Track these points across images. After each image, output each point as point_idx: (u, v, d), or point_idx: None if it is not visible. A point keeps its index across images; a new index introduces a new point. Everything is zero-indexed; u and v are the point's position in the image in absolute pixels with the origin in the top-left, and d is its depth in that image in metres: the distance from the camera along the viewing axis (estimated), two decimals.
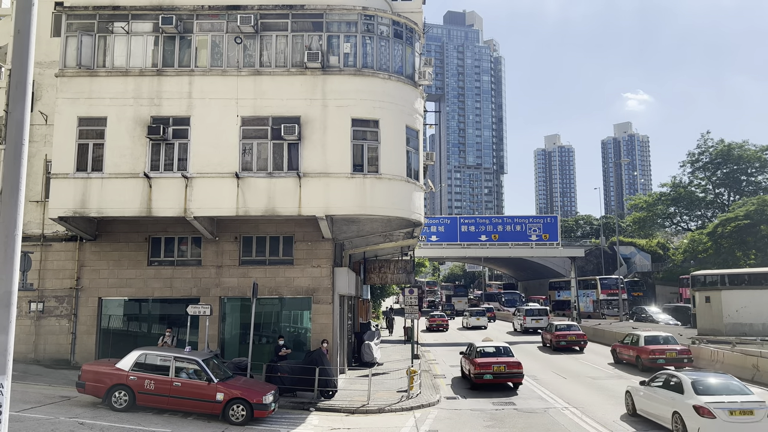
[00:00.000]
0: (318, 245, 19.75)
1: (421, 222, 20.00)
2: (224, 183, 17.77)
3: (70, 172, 17.87)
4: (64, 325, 19.53)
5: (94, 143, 18.10)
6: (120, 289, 19.63)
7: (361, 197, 17.91)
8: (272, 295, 19.54)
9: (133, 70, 18.33)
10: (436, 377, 23.03)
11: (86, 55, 18.41)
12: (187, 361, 14.44)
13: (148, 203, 17.76)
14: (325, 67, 18.23)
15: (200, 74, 18.32)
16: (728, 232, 54.64)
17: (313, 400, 16.92)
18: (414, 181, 19.12)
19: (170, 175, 17.84)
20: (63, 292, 19.64)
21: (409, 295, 25.84)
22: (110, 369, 14.31)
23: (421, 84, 19.67)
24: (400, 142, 18.63)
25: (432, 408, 17.14)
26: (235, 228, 19.73)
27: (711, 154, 68.36)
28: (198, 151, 17.93)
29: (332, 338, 19.32)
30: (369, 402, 16.93)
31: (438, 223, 49.70)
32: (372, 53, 18.59)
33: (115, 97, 18.17)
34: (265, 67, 18.36)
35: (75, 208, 17.76)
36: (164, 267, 19.80)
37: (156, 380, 14.14)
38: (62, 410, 13.59)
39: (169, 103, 18.19)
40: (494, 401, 18.03)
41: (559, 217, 56.17)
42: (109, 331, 19.74)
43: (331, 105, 18.07)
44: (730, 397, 12.43)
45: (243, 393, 14.15)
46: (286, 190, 17.75)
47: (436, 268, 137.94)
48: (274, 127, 17.94)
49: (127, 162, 17.91)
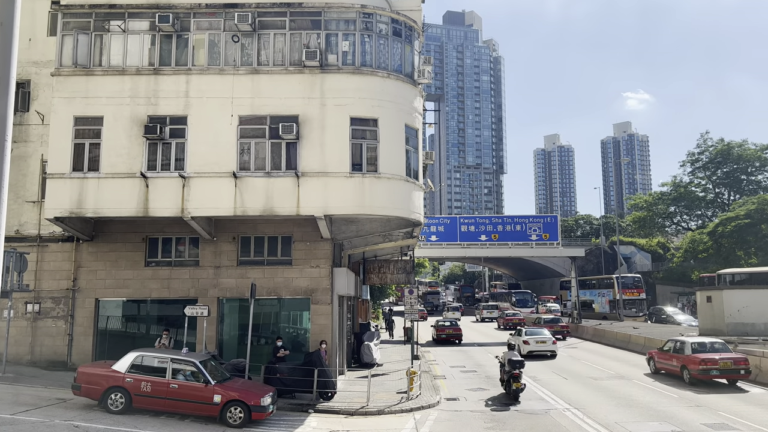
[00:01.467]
0: (317, 245, 19.59)
1: (420, 222, 19.84)
2: (222, 183, 17.60)
3: (66, 172, 17.70)
4: (60, 326, 19.36)
5: (91, 143, 17.93)
6: (117, 290, 19.46)
7: (360, 197, 17.74)
8: (270, 296, 19.37)
9: (130, 69, 18.16)
10: (436, 378, 22.87)
11: (82, 53, 18.24)
12: (184, 362, 14.28)
13: (145, 203, 17.59)
14: (324, 66, 18.06)
15: (197, 73, 18.15)
16: (729, 232, 54.51)
17: (312, 402, 16.76)
18: (413, 181, 18.96)
19: (167, 175, 17.67)
20: (59, 293, 19.47)
21: (409, 295, 25.69)
22: (106, 371, 14.14)
23: (420, 82, 19.50)
24: (400, 141, 18.47)
25: (432, 409, 16.99)
26: (233, 228, 19.56)
27: (711, 154, 68.27)
28: (195, 150, 17.76)
29: (331, 339, 19.16)
30: (368, 403, 16.77)
31: (438, 223, 49.53)
32: (371, 51, 18.43)
33: (111, 96, 17.99)
34: (262, 65, 18.19)
35: (71, 208, 17.59)
36: (162, 268, 19.63)
37: (153, 382, 13.97)
38: (57, 413, 13.42)
39: (166, 103, 18.02)
40: (495, 403, 17.85)
41: (559, 217, 55.99)
42: (106, 333, 19.57)
43: (330, 104, 17.91)
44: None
45: (240, 395, 13.99)
46: (285, 190, 17.58)
47: (436, 269, 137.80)
48: (272, 126, 17.77)
49: (123, 162, 17.74)
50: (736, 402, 17.71)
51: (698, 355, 20.31)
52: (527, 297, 70.02)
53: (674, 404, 17.39)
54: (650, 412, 16.38)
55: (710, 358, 19.97)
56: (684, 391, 19.46)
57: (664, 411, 16.41)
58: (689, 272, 62.83)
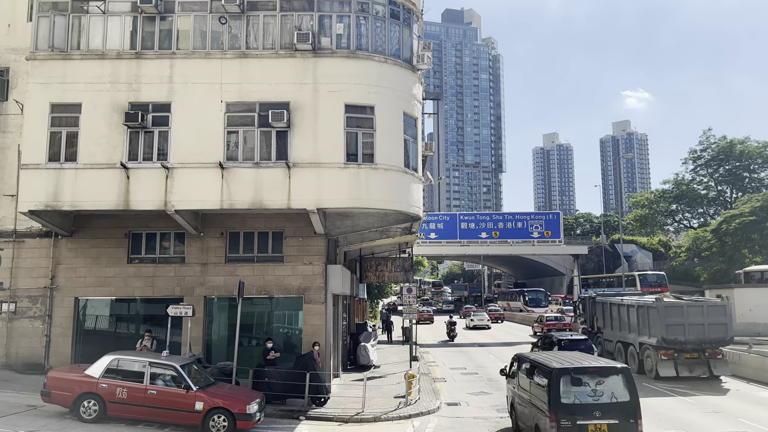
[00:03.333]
0: (309, 241, 18.49)
1: (419, 216, 18.75)
2: (207, 174, 16.48)
3: (41, 163, 16.57)
4: (37, 327, 18.23)
5: (68, 131, 16.79)
6: (98, 289, 18.35)
7: (355, 189, 16.65)
8: (260, 295, 18.27)
9: (110, 53, 17.03)
10: (435, 381, 21.83)
11: (59, 36, 17.10)
12: (163, 366, 13.19)
13: (126, 195, 16.46)
14: (317, 50, 16.95)
15: (182, 57, 17.03)
16: (733, 230, 53.45)
17: (304, 408, 15.68)
18: (412, 172, 17.86)
19: (149, 166, 16.54)
20: (37, 291, 18.34)
21: (408, 294, 24.67)
22: (78, 376, 13.04)
23: (419, 68, 18.40)
24: (397, 129, 17.37)
25: (432, 416, 15.94)
26: (221, 223, 18.46)
27: (713, 151, 67.36)
28: (179, 139, 16.64)
29: (325, 340, 18.08)
30: (364, 410, 15.70)
31: (437, 220, 48.45)
32: (367, 35, 17.32)
33: (90, 81, 16.86)
34: (251, 49, 17.07)
35: (47, 201, 16.46)
36: (145, 265, 18.52)
37: (129, 388, 12.89)
38: (25, 421, 12.34)
39: (149, 88, 16.89)
40: (498, 408, 16.79)
41: (561, 214, 54.88)
42: (86, 334, 18.43)
43: (323, 90, 16.79)
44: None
45: (225, 402, 12.92)
46: (275, 182, 16.47)
47: (434, 267, 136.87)
48: (261, 113, 16.66)
49: (103, 151, 16.61)
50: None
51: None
52: (540, 296, 65.81)
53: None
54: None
55: None
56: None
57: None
58: (692, 271, 61.78)
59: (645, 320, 21.81)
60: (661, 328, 20.45)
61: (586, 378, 11.17)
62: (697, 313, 20.60)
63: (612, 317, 24.95)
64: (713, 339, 20.30)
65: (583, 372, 11.26)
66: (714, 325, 20.34)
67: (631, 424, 10.74)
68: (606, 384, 11.14)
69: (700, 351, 20.44)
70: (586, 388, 11.08)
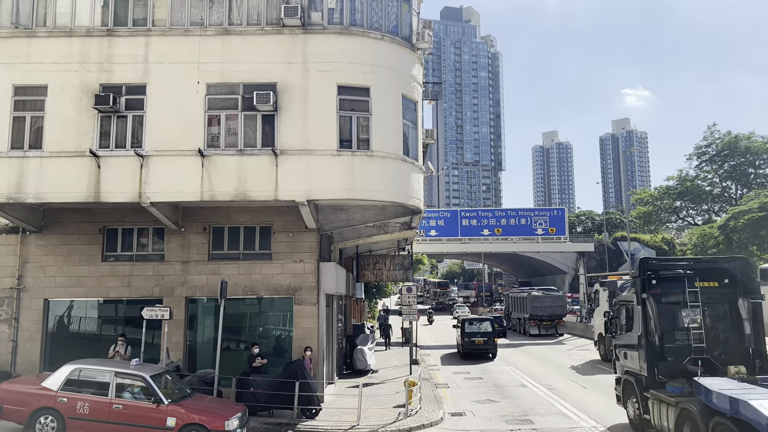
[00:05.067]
0: (300, 237, 16.96)
1: (420, 209, 17.23)
2: (186, 162, 14.94)
3: (3, 151, 15.02)
4: (3, 331, 16.67)
5: (33, 116, 15.24)
6: (69, 289, 16.80)
7: (349, 178, 15.13)
8: (247, 295, 16.75)
9: (79, 30, 15.48)
10: (437, 386, 20.29)
11: (24, 12, 15.57)
12: (131, 377, 11.66)
13: (96, 186, 14.91)
14: (306, 25, 15.42)
15: (158, 34, 15.48)
16: (741, 226, 51.98)
17: (293, 421, 14.16)
18: (411, 161, 16.34)
19: (122, 154, 15.00)
20: (2, 292, 16.77)
21: (407, 293, 23.18)
22: (34, 389, 11.51)
23: (419, 47, 16.87)
24: (396, 113, 15.85)
25: (434, 428, 14.41)
26: (204, 217, 16.94)
27: (718, 146, 66.05)
28: (155, 124, 15.10)
29: (317, 345, 16.56)
30: (359, 422, 14.17)
31: (437, 217, 46.90)
32: (361, 9, 15.78)
33: (57, 61, 15.31)
34: (235, 25, 15.54)
35: (9, 193, 14.91)
36: (121, 263, 16.99)
37: (92, 402, 11.36)
38: None
39: (122, 69, 15.34)
40: (508, 419, 15.27)
41: (566, 210, 53.32)
42: (56, 338, 16.88)
43: (313, 69, 15.26)
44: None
45: (201, 417, 11.39)
46: (260, 171, 14.94)
47: (434, 266, 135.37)
48: (245, 95, 15.13)
49: (71, 138, 15.06)
50: None
51: None
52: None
53: None
54: None
55: None
56: None
57: None
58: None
59: (525, 305, 40.46)
60: (530, 308, 39.32)
61: (475, 323, 29.64)
62: (549, 300, 39.39)
63: (514, 304, 44.07)
64: (558, 314, 39.25)
65: (473, 320, 30.27)
66: (558, 306, 39.25)
67: (490, 341, 28.25)
68: (482, 325, 29.06)
69: (551, 320, 38.91)
70: (473, 326, 29.10)
